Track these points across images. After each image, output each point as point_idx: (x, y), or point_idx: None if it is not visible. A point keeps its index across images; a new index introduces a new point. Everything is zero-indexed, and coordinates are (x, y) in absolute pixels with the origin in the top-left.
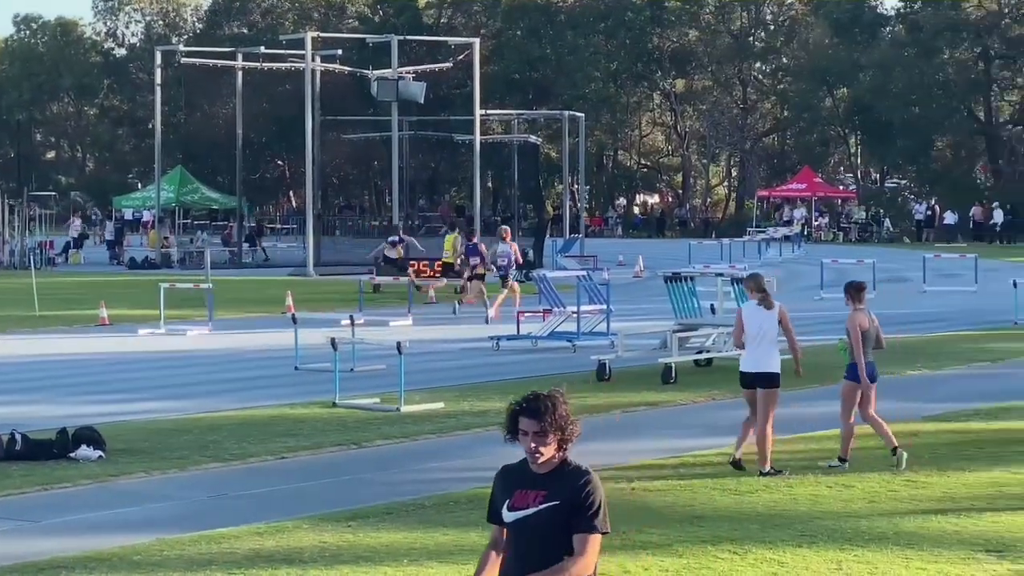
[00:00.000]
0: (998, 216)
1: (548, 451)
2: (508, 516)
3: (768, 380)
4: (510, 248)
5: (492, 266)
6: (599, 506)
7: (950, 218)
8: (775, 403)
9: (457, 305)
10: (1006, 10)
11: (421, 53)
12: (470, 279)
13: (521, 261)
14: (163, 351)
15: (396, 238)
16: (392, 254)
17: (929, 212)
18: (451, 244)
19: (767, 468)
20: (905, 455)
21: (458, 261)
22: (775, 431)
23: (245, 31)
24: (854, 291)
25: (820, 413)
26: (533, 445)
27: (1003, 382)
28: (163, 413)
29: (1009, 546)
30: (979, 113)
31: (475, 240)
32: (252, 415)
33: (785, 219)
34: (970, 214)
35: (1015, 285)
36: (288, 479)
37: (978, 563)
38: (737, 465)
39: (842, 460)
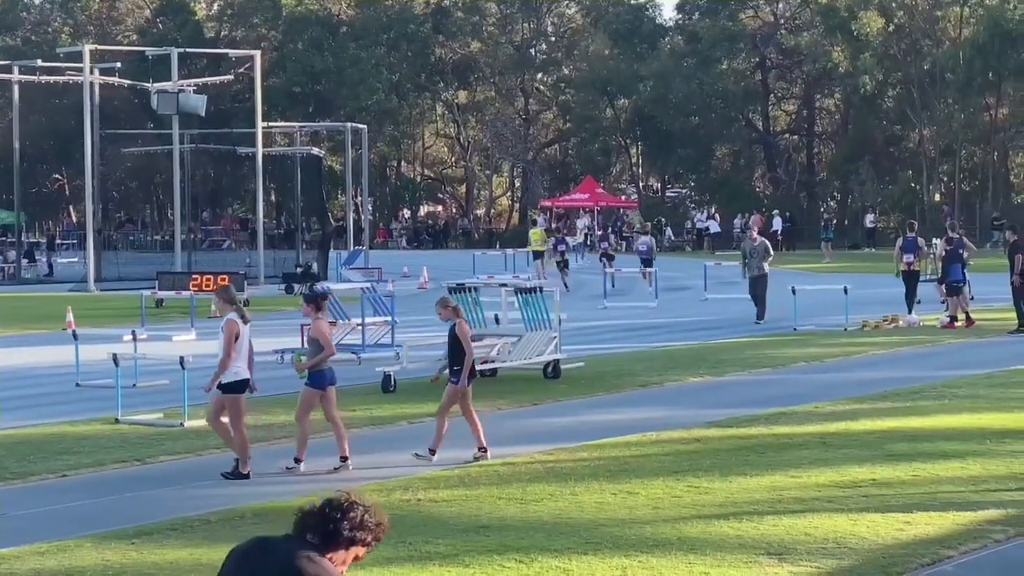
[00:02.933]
0: (777, 223)
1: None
2: None
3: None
4: None
5: None
6: None
7: (714, 227)
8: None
9: None
10: (781, 20)
11: (202, 66)
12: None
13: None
14: None
15: None
16: None
17: (710, 220)
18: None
19: (247, 470)
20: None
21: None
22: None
23: (19, 44)
24: (319, 300)
25: (607, 421)
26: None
27: (784, 387)
28: None
29: (789, 549)
30: (757, 123)
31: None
32: (32, 433)
33: (581, 230)
34: (749, 223)
35: (794, 292)
36: (70, 497)
37: (760, 566)
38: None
39: (297, 461)
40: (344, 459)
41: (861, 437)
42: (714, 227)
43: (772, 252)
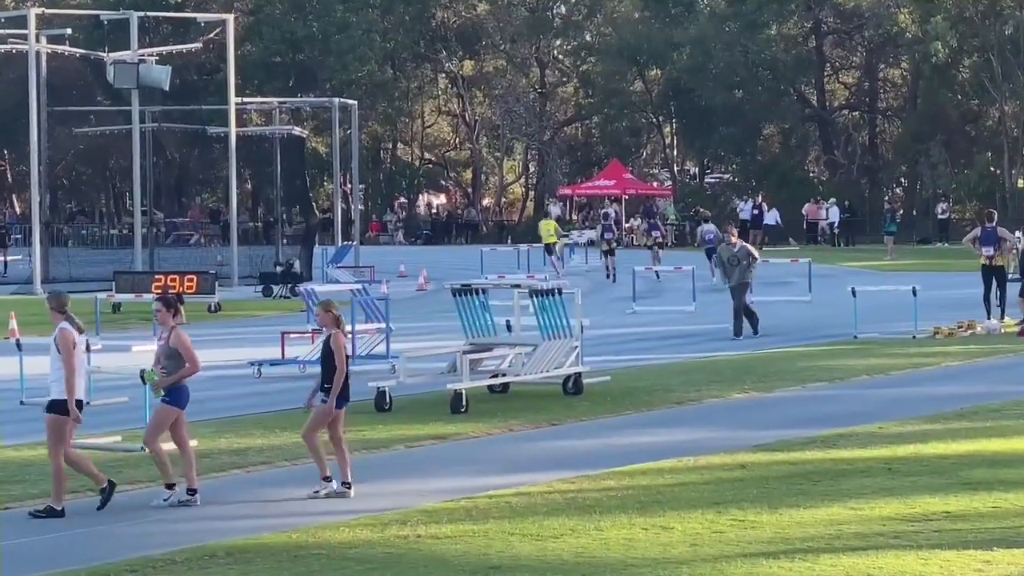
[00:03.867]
0: (833, 214)
1: None
2: None
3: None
4: None
5: None
6: None
7: (770, 217)
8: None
9: None
10: None
11: (166, 33)
12: None
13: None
14: None
15: None
16: None
17: (756, 211)
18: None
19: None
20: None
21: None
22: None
23: None
24: (176, 304)
25: (637, 444)
26: None
27: (842, 404)
28: None
29: None
30: (811, 97)
31: None
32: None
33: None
34: (802, 211)
35: (854, 294)
36: (12, 533)
37: None
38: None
39: (169, 487)
40: (192, 492)
41: (933, 462)
42: (770, 218)
43: (758, 258)
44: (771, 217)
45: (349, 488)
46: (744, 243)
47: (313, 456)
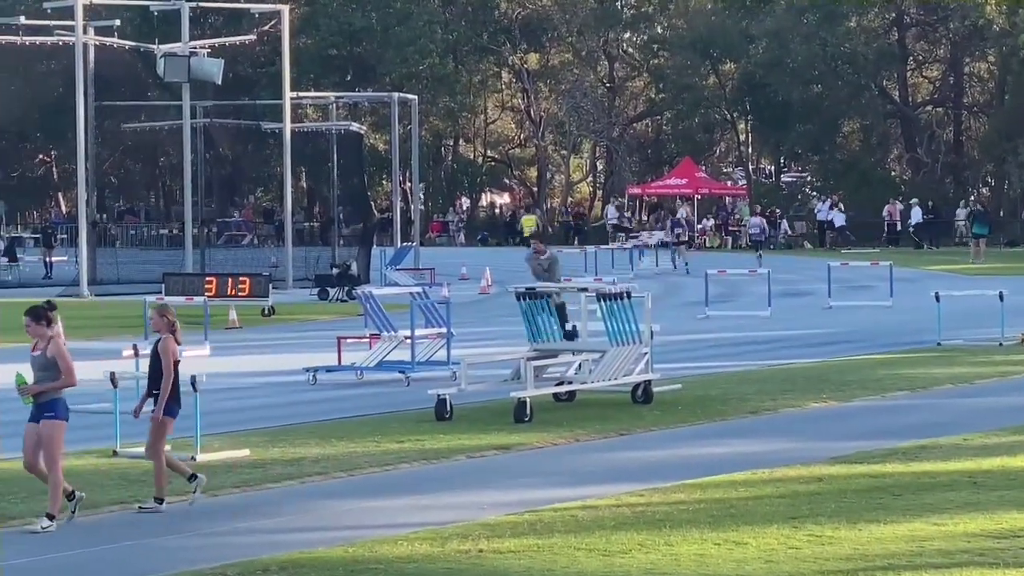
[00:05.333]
0: (916, 215)
1: None
2: None
3: None
4: None
5: None
6: None
7: (839, 219)
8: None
9: None
10: None
11: (218, 24)
12: None
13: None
14: None
15: None
16: None
17: (832, 210)
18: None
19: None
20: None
21: None
22: None
23: None
24: (47, 314)
25: (709, 455)
26: None
27: (925, 415)
28: None
29: None
30: (892, 92)
31: None
32: (12, 468)
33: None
34: (883, 213)
35: (937, 298)
36: (58, 546)
37: None
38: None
39: (50, 517)
40: (51, 518)
41: (1021, 476)
42: (839, 219)
43: (560, 271)
44: (839, 218)
45: (161, 503)
46: (553, 252)
47: (157, 474)
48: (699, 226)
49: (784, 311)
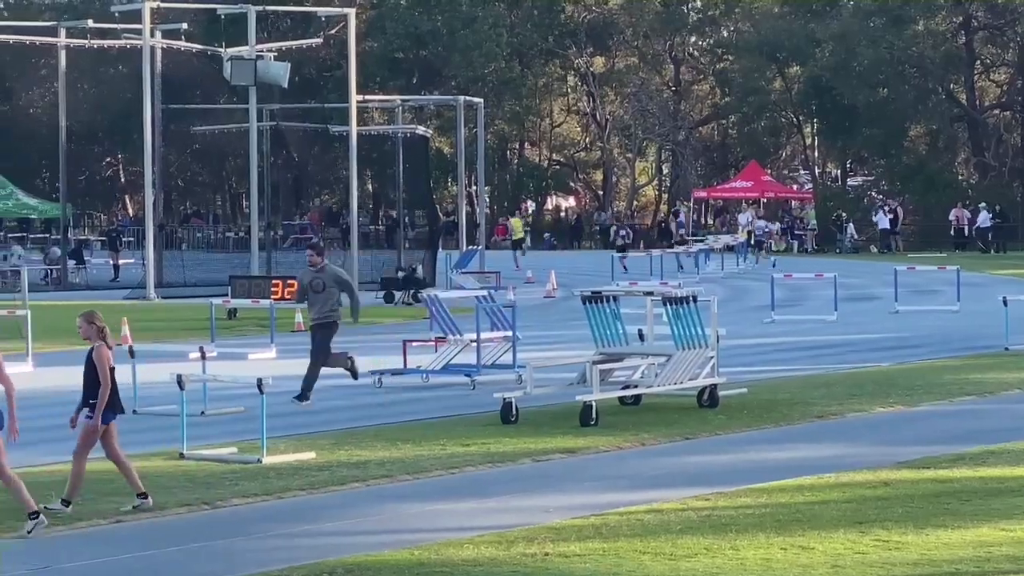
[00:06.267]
0: (983, 219)
1: None
2: None
3: None
4: None
5: None
6: None
7: (884, 222)
8: None
9: None
10: None
11: (285, 27)
12: None
13: None
14: None
15: None
16: None
17: (891, 216)
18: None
19: None
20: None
21: None
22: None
23: (66, 0)
24: None
25: (775, 459)
26: None
27: (993, 420)
28: None
29: None
30: (960, 96)
31: None
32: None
33: (743, 224)
34: (950, 217)
35: (1005, 303)
36: (126, 547)
37: None
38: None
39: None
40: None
41: None
42: (883, 222)
43: (353, 287)
44: (883, 221)
45: (146, 498)
46: (336, 267)
47: (73, 478)
48: (765, 230)
49: (850, 315)
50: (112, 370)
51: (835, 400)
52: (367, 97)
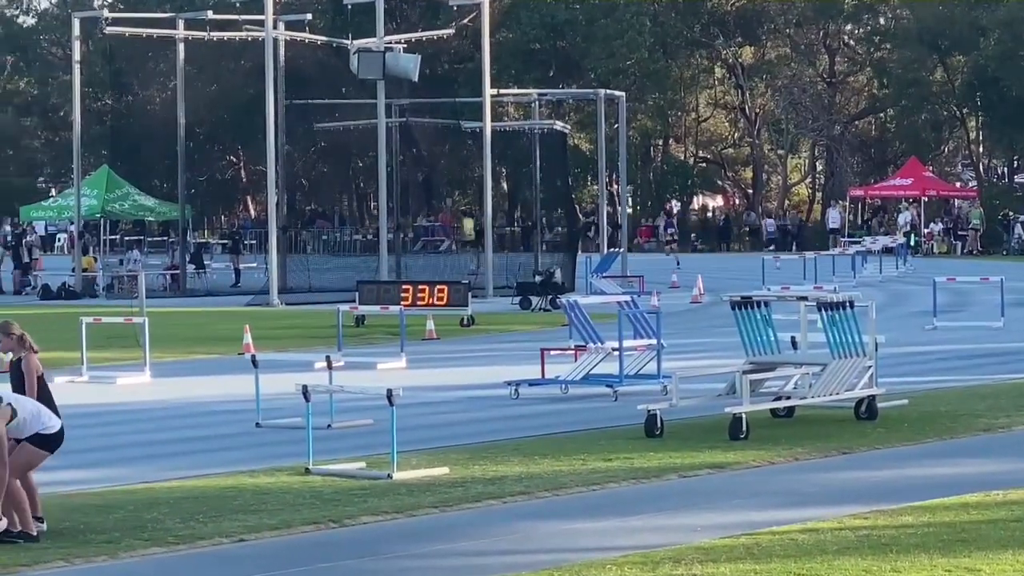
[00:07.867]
0: None
1: None
2: None
3: None
4: None
5: None
6: None
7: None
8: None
9: None
10: None
11: (414, 17)
12: None
13: None
14: (85, 404)
15: None
16: None
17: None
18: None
19: None
20: None
21: None
22: None
23: None
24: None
25: (938, 475)
26: None
27: None
28: (87, 485)
29: None
30: None
31: None
32: (201, 486)
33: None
34: None
35: None
36: (249, 567)
37: None
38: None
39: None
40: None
41: None
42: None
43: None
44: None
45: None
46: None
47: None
48: (926, 230)
49: (1019, 322)
50: (41, 378)
51: (1002, 412)
52: (501, 91)
